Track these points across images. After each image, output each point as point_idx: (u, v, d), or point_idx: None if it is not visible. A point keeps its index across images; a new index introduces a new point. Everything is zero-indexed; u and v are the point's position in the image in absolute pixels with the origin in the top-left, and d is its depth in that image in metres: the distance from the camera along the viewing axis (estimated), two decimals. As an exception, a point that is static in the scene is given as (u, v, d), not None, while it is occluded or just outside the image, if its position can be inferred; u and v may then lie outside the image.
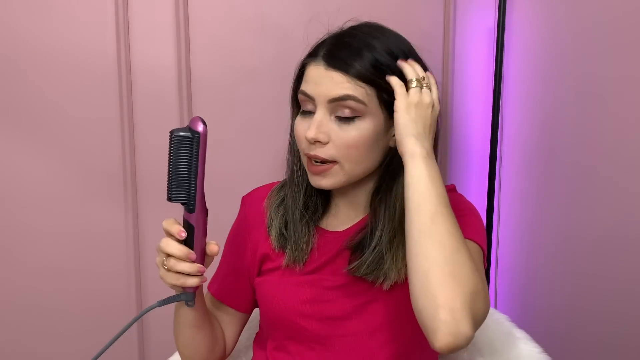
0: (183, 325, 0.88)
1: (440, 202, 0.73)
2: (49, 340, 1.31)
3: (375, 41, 0.83)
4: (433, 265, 0.70)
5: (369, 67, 0.80)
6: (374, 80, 0.80)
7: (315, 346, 0.88)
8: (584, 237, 1.23)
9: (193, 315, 0.86)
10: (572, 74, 1.20)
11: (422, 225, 0.72)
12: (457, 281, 0.69)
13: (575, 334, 1.27)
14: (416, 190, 0.74)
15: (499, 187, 1.27)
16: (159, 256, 0.78)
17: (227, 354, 0.98)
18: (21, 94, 1.23)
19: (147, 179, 1.27)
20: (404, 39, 0.86)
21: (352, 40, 0.83)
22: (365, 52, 0.81)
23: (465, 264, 0.70)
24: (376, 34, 0.85)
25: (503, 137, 1.26)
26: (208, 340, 0.91)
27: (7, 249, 1.28)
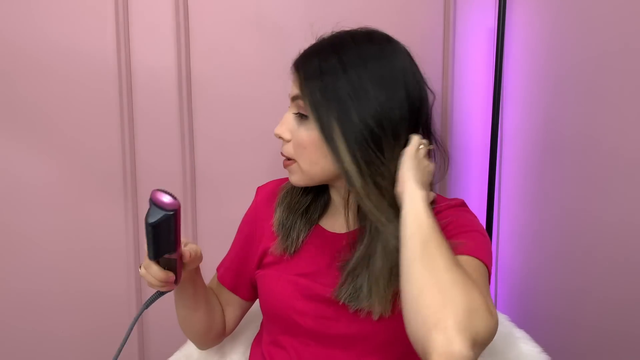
0: (178, 305, 0.94)
1: (433, 230, 0.74)
2: (48, 340, 1.31)
3: (333, 47, 0.84)
4: (423, 287, 0.69)
5: (312, 71, 0.83)
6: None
7: (309, 342, 0.89)
8: (584, 237, 1.23)
9: (186, 298, 0.91)
10: (572, 74, 1.20)
11: (414, 253, 0.72)
12: (448, 300, 0.67)
13: (575, 334, 1.27)
14: (411, 221, 0.75)
15: (499, 187, 1.27)
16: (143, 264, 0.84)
17: (226, 333, 1.03)
18: (21, 94, 1.23)
19: (147, 179, 1.27)
20: (375, 51, 0.85)
21: (318, 45, 0.87)
22: (315, 58, 0.84)
23: (457, 281, 0.69)
24: (344, 41, 0.85)
25: (503, 137, 1.26)
26: (204, 320, 0.95)
27: (7, 249, 1.28)
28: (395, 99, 0.82)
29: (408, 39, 1.25)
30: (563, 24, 1.20)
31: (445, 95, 1.25)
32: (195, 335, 0.98)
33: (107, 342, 1.32)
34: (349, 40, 0.85)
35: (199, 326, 0.96)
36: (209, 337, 0.99)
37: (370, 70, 0.82)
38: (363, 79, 0.81)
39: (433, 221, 0.75)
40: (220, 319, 0.99)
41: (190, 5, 1.22)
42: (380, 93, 0.81)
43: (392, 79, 0.83)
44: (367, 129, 0.80)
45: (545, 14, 1.21)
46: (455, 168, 1.29)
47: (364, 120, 0.80)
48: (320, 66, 0.83)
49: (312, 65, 0.84)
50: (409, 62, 0.87)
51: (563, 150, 1.23)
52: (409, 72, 0.85)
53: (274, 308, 0.91)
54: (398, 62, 0.84)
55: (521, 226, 1.28)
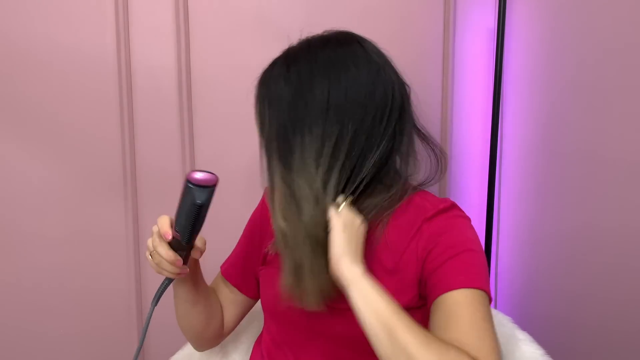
0: (178, 299, 0.93)
1: (392, 312, 0.72)
2: (48, 340, 1.31)
3: (286, 59, 0.85)
4: None
5: (263, 80, 0.86)
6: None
7: (307, 341, 0.89)
8: (584, 237, 1.23)
9: (186, 292, 0.91)
10: (572, 74, 1.20)
11: (385, 349, 0.71)
12: None
13: (575, 334, 1.27)
14: (366, 312, 0.73)
15: (499, 187, 1.27)
16: (149, 242, 0.83)
17: (225, 333, 1.02)
18: (21, 94, 1.23)
19: (147, 179, 1.27)
20: (326, 59, 0.83)
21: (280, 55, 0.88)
22: (268, 70, 0.86)
23: (441, 355, 0.68)
24: (299, 51, 0.85)
25: (503, 137, 1.26)
26: (203, 316, 0.95)
27: (7, 249, 1.27)
28: (349, 110, 0.80)
29: (408, 39, 1.25)
30: (563, 24, 1.20)
31: (445, 95, 1.25)
32: (194, 332, 0.97)
33: (107, 341, 1.32)
34: (304, 49, 0.84)
35: (198, 322, 0.95)
36: (206, 335, 0.98)
37: (316, 81, 0.81)
38: (305, 91, 0.80)
39: (386, 301, 0.73)
40: (219, 316, 0.99)
41: (190, 5, 1.22)
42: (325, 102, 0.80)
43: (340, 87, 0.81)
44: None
45: (545, 14, 1.20)
46: (455, 168, 1.29)
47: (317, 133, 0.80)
48: (271, 79, 0.84)
49: (266, 76, 0.85)
50: (369, 66, 0.83)
51: (563, 151, 1.22)
52: (367, 77, 0.82)
53: (272, 304, 0.92)
54: (351, 70, 0.81)
55: (521, 226, 1.28)
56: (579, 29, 1.19)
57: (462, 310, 0.74)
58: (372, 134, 0.81)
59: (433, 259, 0.80)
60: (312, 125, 0.80)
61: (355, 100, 0.80)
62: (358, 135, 0.81)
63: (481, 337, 0.72)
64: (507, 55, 1.22)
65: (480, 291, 0.77)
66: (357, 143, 0.81)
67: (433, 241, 0.82)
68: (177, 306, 0.94)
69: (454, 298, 0.76)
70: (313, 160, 0.79)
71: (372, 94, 0.81)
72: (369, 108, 0.81)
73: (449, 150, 1.27)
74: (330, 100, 0.80)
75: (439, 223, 0.83)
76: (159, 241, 0.81)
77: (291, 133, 0.80)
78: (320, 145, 0.79)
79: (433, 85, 1.25)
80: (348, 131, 0.80)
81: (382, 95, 0.82)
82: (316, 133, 0.79)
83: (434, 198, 0.89)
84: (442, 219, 0.84)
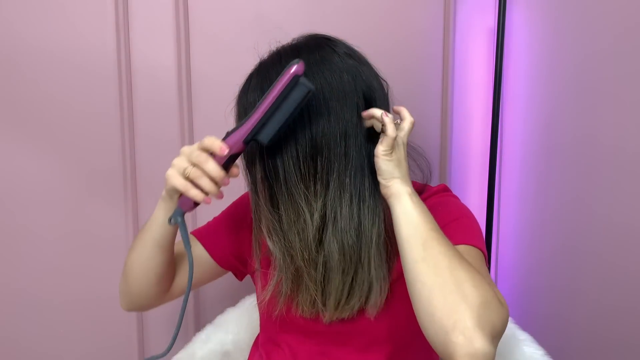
0: (151, 241, 0.85)
1: (430, 228, 0.73)
2: (48, 339, 1.31)
3: (258, 72, 0.84)
4: (433, 289, 0.69)
5: (240, 96, 0.86)
6: None
7: (305, 340, 0.89)
8: (584, 237, 1.23)
9: (164, 233, 0.84)
10: (572, 74, 1.20)
11: (416, 254, 0.72)
12: (461, 298, 0.67)
13: (575, 333, 1.27)
14: (406, 223, 0.74)
15: (499, 187, 1.27)
16: (180, 160, 0.77)
17: (165, 298, 0.95)
18: (21, 94, 1.23)
19: (147, 179, 1.27)
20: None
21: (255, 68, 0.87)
22: (245, 86, 0.85)
23: (466, 278, 0.69)
24: (274, 59, 0.84)
25: (503, 137, 1.26)
26: (162, 268, 0.88)
27: (6, 249, 1.27)
28: (327, 118, 0.78)
29: (408, 39, 1.25)
30: (563, 24, 1.20)
31: (445, 95, 1.25)
32: (143, 283, 0.89)
33: (107, 341, 1.32)
34: (275, 62, 0.83)
35: (155, 273, 0.88)
36: (152, 292, 0.91)
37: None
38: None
39: (427, 218, 0.74)
40: (172, 274, 0.93)
41: (190, 5, 1.22)
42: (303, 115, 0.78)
43: (316, 97, 0.78)
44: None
45: (545, 14, 1.21)
46: (455, 168, 1.29)
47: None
48: (247, 95, 0.82)
49: (242, 92, 0.84)
50: (343, 72, 0.81)
51: (563, 150, 1.23)
52: (342, 84, 0.80)
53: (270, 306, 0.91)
54: (325, 76, 0.79)
55: (521, 226, 1.28)
56: (579, 28, 1.19)
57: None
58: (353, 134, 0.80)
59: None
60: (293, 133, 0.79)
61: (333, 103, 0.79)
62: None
63: (489, 282, 0.74)
64: (507, 55, 1.23)
65: (477, 249, 0.80)
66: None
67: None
68: (144, 248, 0.87)
69: (459, 249, 0.77)
70: (298, 169, 0.79)
71: (356, 91, 0.80)
72: (347, 109, 0.79)
73: (448, 150, 1.28)
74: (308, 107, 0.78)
75: (435, 200, 0.87)
76: (207, 156, 0.75)
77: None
78: (302, 154, 0.78)
79: (433, 85, 1.25)
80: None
81: (360, 95, 0.81)
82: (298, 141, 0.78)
83: (428, 186, 0.92)
84: (437, 197, 0.88)
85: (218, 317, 1.15)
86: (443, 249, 0.71)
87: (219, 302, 1.30)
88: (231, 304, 1.18)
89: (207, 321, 1.17)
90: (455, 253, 0.72)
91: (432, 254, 0.71)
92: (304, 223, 0.79)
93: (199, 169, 0.75)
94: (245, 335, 1.10)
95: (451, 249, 0.72)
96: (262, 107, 0.73)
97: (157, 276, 0.89)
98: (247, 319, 1.12)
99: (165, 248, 0.87)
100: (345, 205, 0.78)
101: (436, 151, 1.27)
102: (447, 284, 0.68)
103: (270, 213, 0.81)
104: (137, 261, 0.88)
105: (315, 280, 0.81)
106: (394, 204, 0.76)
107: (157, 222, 0.84)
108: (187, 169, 0.75)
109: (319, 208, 0.78)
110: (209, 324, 1.15)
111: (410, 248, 0.72)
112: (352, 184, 0.78)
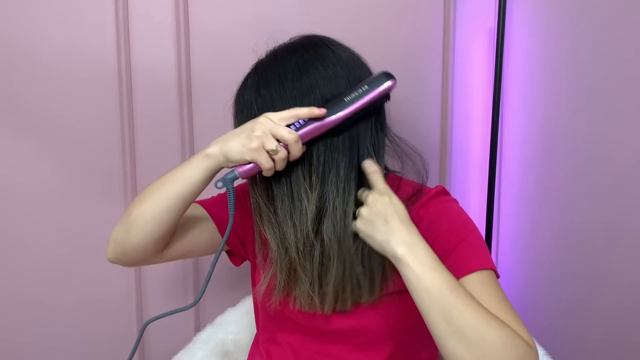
0: (172, 193, 0.83)
1: (444, 294, 0.71)
2: (48, 339, 1.31)
3: (256, 71, 0.86)
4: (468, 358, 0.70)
5: (238, 98, 0.87)
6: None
7: (305, 338, 0.89)
8: (584, 237, 1.23)
9: (194, 190, 0.83)
10: (572, 74, 1.20)
11: (441, 329, 0.71)
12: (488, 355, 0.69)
13: (576, 334, 1.27)
14: (416, 291, 0.72)
15: (499, 187, 1.27)
16: (268, 136, 0.77)
17: (159, 259, 0.92)
18: (21, 94, 1.23)
19: (147, 179, 1.27)
20: (293, 66, 0.82)
21: (253, 68, 0.89)
22: (242, 86, 0.87)
23: (496, 339, 0.69)
24: (268, 61, 0.85)
25: (503, 137, 1.26)
26: (172, 224, 0.86)
27: (6, 249, 1.27)
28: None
29: (408, 39, 1.25)
30: (563, 24, 1.20)
31: (445, 95, 1.25)
32: (149, 237, 0.86)
33: (107, 342, 1.32)
34: (271, 60, 0.84)
35: (166, 226, 0.85)
36: (154, 247, 0.88)
37: (287, 89, 0.80)
38: (275, 101, 0.80)
39: (436, 278, 0.72)
40: (172, 235, 0.91)
41: (190, 5, 1.22)
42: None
43: (311, 91, 0.80)
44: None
45: (545, 14, 1.21)
46: (455, 168, 1.29)
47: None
48: (244, 93, 0.84)
49: (239, 91, 0.85)
50: (337, 67, 0.82)
51: (563, 150, 1.23)
52: (336, 80, 0.81)
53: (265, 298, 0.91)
54: (320, 72, 0.81)
55: (521, 226, 1.28)
56: (579, 29, 1.19)
57: (484, 292, 0.76)
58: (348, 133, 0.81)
59: (440, 246, 0.81)
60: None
61: (329, 101, 0.80)
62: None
63: (510, 314, 0.75)
64: (507, 55, 1.23)
65: (490, 271, 0.80)
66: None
67: (434, 228, 0.82)
68: (163, 201, 0.83)
69: (474, 281, 0.77)
70: (301, 172, 0.80)
71: (351, 87, 0.81)
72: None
73: (448, 150, 1.28)
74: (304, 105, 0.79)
75: (434, 208, 0.85)
76: (298, 138, 0.77)
77: None
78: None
79: (433, 85, 1.25)
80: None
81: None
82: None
83: (424, 186, 0.90)
84: (435, 203, 0.86)
85: (218, 317, 1.15)
86: (466, 317, 0.70)
87: (219, 302, 1.30)
88: (231, 304, 1.19)
89: (207, 321, 1.17)
90: (478, 312, 0.71)
91: (457, 326, 0.70)
92: (300, 215, 0.80)
93: (284, 151, 0.76)
94: (245, 335, 1.10)
95: (472, 308, 0.71)
96: (352, 107, 0.77)
97: (164, 231, 0.85)
98: (247, 319, 1.12)
99: (186, 205, 0.84)
100: (341, 196, 0.79)
101: (436, 151, 1.27)
102: (481, 353, 0.69)
103: (266, 205, 0.82)
104: (151, 212, 0.84)
105: (310, 273, 0.82)
106: (397, 266, 0.74)
107: (190, 177, 0.81)
108: (277, 147, 0.76)
109: (315, 199, 0.79)
110: (209, 324, 1.15)
111: (433, 322, 0.71)
112: (346, 175, 0.79)
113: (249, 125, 0.79)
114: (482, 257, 0.81)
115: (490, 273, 0.80)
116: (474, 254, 0.80)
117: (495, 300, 0.76)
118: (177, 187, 0.83)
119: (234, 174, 0.79)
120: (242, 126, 0.80)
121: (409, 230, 0.75)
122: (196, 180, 0.82)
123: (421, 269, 0.72)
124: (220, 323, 1.13)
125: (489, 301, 0.75)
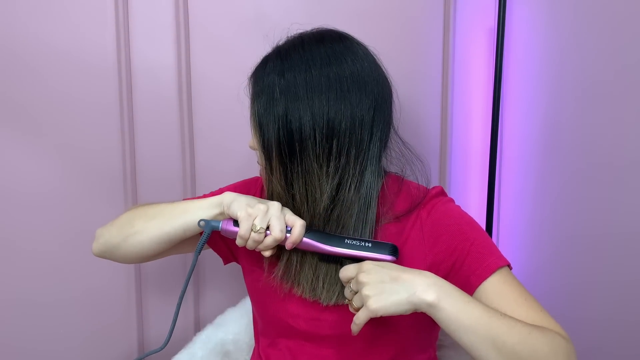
0: (178, 225, 0.86)
1: (485, 323, 0.71)
2: (47, 339, 1.31)
3: (278, 54, 0.85)
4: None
5: (257, 81, 0.85)
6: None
7: (304, 343, 0.89)
8: (584, 237, 1.23)
9: (196, 229, 0.86)
10: (572, 74, 1.20)
11: (495, 359, 0.71)
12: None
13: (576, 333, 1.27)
14: (458, 331, 0.71)
15: (499, 187, 1.27)
16: (261, 216, 0.79)
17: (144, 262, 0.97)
18: (21, 93, 1.23)
19: (147, 179, 1.27)
20: (322, 54, 0.82)
21: (271, 53, 0.88)
22: (261, 69, 0.86)
23: (541, 348, 0.71)
24: (293, 47, 0.85)
25: (503, 137, 1.26)
26: (167, 247, 0.89)
27: (6, 249, 1.27)
28: (347, 103, 0.79)
29: (408, 39, 1.25)
30: (563, 23, 1.20)
31: (445, 95, 1.25)
32: (141, 251, 0.89)
33: (106, 342, 1.32)
34: (297, 46, 0.83)
35: (159, 248, 0.89)
36: (143, 257, 0.92)
37: (314, 75, 0.80)
38: (300, 86, 0.79)
39: (473, 312, 0.71)
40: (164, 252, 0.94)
41: (190, 4, 1.22)
42: (323, 98, 0.79)
43: (339, 82, 0.80)
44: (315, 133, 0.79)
45: (545, 13, 1.21)
46: (455, 168, 1.29)
47: (310, 125, 0.79)
48: (264, 77, 0.83)
49: (258, 74, 0.84)
50: (365, 62, 0.83)
51: (563, 150, 1.23)
52: (363, 73, 0.82)
53: (268, 312, 0.91)
54: (348, 64, 0.81)
55: (521, 226, 1.28)
56: (579, 28, 1.19)
57: (509, 290, 0.78)
58: (373, 125, 0.82)
59: (452, 251, 0.81)
60: None
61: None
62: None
63: (537, 308, 0.78)
64: (507, 55, 1.22)
65: (506, 267, 0.82)
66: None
67: (440, 231, 0.83)
68: (167, 228, 0.86)
69: (496, 283, 0.79)
70: (313, 149, 0.80)
71: (375, 83, 0.82)
72: (366, 97, 0.81)
73: (448, 150, 1.28)
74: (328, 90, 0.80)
75: (436, 212, 0.85)
76: (284, 232, 0.79)
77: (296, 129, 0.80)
78: (319, 134, 0.80)
79: (433, 85, 1.25)
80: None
81: (379, 87, 0.83)
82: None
83: (422, 187, 0.90)
84: (436, 204, 0.86)
85: (218, 317, 1.15)
86: (515, 338, 0.71)
87: (219, 302, 1.30)
88: (231, 304, 1.18)
89: (207, 321, 1.17)
90: (520, 328, 0.72)
91: (510, 350, 0.70)
92: (314, 202, 0.81)
93: (262, 237, 0.79)
94: (245, 335, 1.10)
95: (513, 326, 0.72)
96: (346, 252, 0.80)
97: (160, 250, 0.89)
98: (247, 319, 1.12)
99: (187, 235, 0.87)
100: (354, 189, 0.80)
101: (436, 151, 1.27)
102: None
103: (284, 191, 0.82)
104: (154, 232, 0.87)
105: (316, 260, 0.84)
106: (429, 313, 0.72)
107: (196, 218, 0.85)
108: (260, 229, 0.79)
109: (329, 190, 0.80)
110: (209, 324, 1.15)
111: (485, 354, 0.71)
112: (364, 169, 0.81)
113: (265, 201, 0.81)
114: (496, 254, 0.82)
115: (506, 269, 0.81)
116: (488, 254, 0.81)
117: (522, 297, 0.78)
118: (183, 222, 0.86)
119: (218, 224, 0.83)
120: (262, 199, 0.83)
121: (420, 273, 0.74)
122: (186, 231, 0.86)
123: (457, 307, 0.71)
124: (220, 323, 1.13)
125: (517, 299, 0.77)
